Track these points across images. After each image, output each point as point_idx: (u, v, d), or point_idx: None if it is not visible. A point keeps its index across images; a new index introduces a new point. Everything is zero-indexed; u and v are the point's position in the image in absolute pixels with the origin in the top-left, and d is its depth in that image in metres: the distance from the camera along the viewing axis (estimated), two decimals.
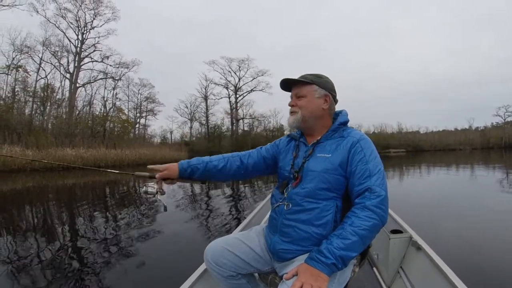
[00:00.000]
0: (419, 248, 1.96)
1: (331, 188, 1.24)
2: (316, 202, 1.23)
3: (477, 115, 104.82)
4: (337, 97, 1.43)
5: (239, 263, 1.39)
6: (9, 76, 27.43)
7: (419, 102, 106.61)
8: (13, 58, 28.04)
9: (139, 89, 41.64)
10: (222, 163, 1.52)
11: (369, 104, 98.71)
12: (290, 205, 1.28)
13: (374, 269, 2.32)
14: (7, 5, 26.36)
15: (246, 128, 51.02)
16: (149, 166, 1.49)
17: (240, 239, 1.45)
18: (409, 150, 60.14)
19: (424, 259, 1.85)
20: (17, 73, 28.28)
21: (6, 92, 27.27)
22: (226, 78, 49.74)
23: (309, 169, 1.29)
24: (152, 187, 1.38)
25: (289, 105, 1.42)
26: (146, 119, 43.81)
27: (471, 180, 11.08)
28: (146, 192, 1.36)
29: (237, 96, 50.15)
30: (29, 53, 29.26)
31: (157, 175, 1.45)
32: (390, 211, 2.55)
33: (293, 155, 1.43)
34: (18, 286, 2.81)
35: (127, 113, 39.96)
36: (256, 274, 1.58)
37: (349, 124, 1.40)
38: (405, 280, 1.93)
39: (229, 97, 50.55)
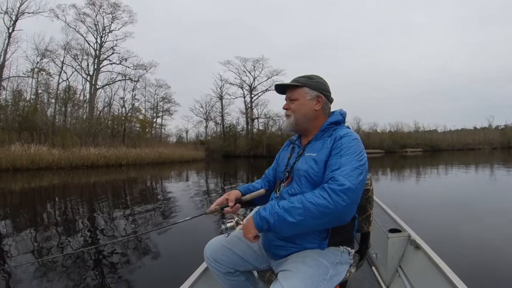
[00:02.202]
0: (417, 247, 1.96)
1: (318, 185, 1.24)
2: None
3: (497, 113, 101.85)
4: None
5: (236, 260, 1.44)
6: (34, 79, 28.68)
7: (437, 100, 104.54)
8: (37, 63, 29.26)
9: (155, 90, 42.43)
10: (261, 184, 1.61)
11: (386, 102, 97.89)
12: None
13: (373, 268, 2.34)
14: (32, 12, 27.49)
15: (261, 128, 51.11)
16: (212, 207, 1.41)
17: (239, 237, 1.47)
18: (426, 149, 58.98)
19: (422, 258, 1.86)
20: (40, 76, 29.49)
21: (31, 95, 28.58)
22: (241, 78, 50.04)
23: (297, 168, 1.34)
24: (230, 221, 1.34)
25: (283, 108, 1.46)
26: (162, 119, 44.72)
27: (485, 181, 10.89)
28: (227, 229, 1.33)
29: (252, 95, 50.31)
30: (51, 56, 30.36)
31: (224, 196, 1.44)
32: (388, 210, 2.66)
33: (287, 157, 1.48)
34: (40, 271, 3.14)
35: (144, 113, 40.90)
36: (255, 272, 1.60)
37: (363, 123, 1.47)
38: (404, 279, 1.95)
39: (244, 97, 50.83)
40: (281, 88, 1.46)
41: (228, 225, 1.32)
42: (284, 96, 1.47)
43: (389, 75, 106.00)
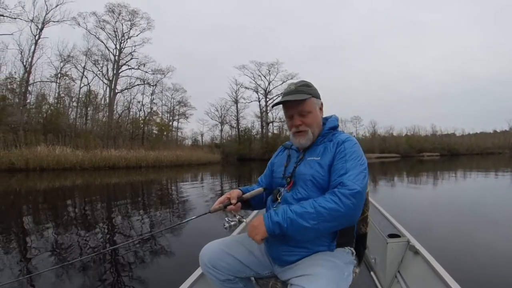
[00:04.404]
0: (416, 252, 1.96)
1: (323, 188, 1.27)
2: None
3: None
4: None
5: (237, 266, 1.38)
6: (57, 84, 30.00)
7: (455, 102, 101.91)
8: (61, 68, 30.60)
9: (172, 94, 43.24)
10: (258, 187, 1.58)
11: (402, 105, 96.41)
12: None
13: (372, 273, 2.32)
14: (57, 21, 28.75)
15: (275, 131, 51.37)
16: (215, 206, 1.40)
17: (239, 241, 1.45)
18: (444, 153, 57.78)
19: (421, 264, 1.85)
20: (63, 80, 30.81)
21: (54, 99, 29.92)
22: (256, 82, 50.41)
23: (301, 172, 1.34)
24: (232, 220, 1.35)
25: (294, 125, 1.38)
26: (178, 122, 45.57)
27: (501, 187, 10.54)
28: (230, 227, 1.34)
29: (267, 99, 50.65)
30: (73, 62, 31.63)
31: (225, 195, 1.44)
32: (387, 215, 2.68)
33: (284, 164, 1.48)
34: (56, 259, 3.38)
35: (161, 117, 41.88)
36: (253, 278, 1.54)
37: (378, 127, 1.53)
38: (403, 284, 1.93)
39: (259, 101, 51.18)
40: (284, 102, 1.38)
41: (232, 223, 1.34)
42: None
43: (405, 78, 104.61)
